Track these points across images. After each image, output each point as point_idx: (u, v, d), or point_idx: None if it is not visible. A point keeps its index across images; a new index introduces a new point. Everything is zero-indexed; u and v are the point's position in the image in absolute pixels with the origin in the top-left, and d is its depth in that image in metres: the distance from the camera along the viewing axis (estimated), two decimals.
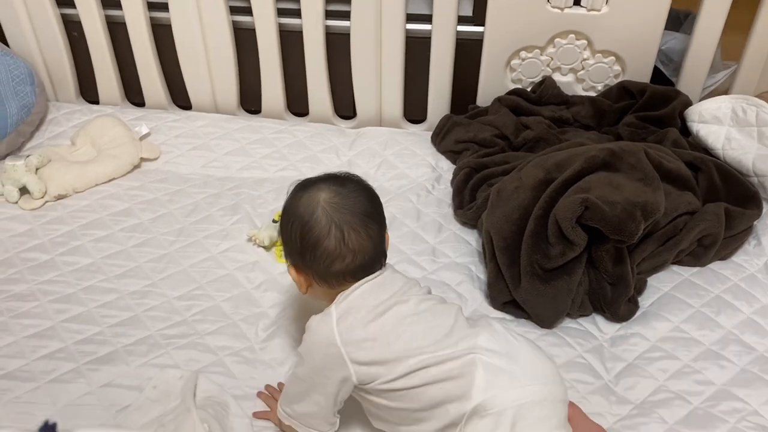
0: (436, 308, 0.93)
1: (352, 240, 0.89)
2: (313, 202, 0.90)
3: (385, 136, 1.63)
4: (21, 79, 1.60)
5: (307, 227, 0.89)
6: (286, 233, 0.93)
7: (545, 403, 0.86)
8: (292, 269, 0.95)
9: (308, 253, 0.90)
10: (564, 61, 1.54)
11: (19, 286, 1.25)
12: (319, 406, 0.91)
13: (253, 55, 1.64)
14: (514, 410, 0.84)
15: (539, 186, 1.20)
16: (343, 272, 0.90)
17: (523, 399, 0.85)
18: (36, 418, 1.02)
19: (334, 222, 0.89)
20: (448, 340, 0.88)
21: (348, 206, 0.90)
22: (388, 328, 0.88)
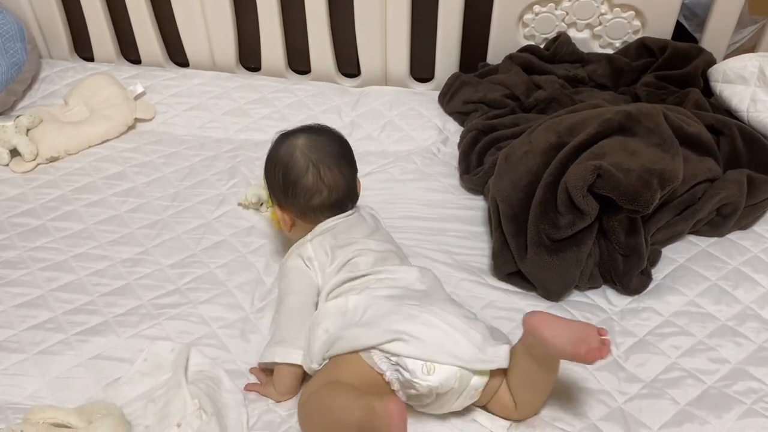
0: (392, 251, 1.05)
1: (327, 176, 1.03)
2: (292, 146, 1.04)
3: (390, 96, 1.56)
4: (11, 36, 1.54)
5: (288, 167, 1.03)
6: (270, 176, 1.07)
7: (406, 308, 0.91)
8: (277, 208, 1.08)
9: (290, 189, 1.03)
10: (580, 15, 1.45)
11: (8, 252, 1.22)
12: (295, 323, 0.98)
13: (251, 9, 1.56)
14: (379, 305, 0.93)
15: (550, 151, 1.14)
16: (321, 206, 1.04)
17: (388, 304, 0.93)
18: (24, 390, 1.00)
19: (311, 161, 1.03)
20: (376, 269, 1.00)
21: (322, 148, 1.04)
22: (342, 254, 1.01)
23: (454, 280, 1.14)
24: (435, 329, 0.89)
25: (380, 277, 0.99)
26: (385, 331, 0.88)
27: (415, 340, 0.87)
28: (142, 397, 0.97)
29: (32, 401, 0.98)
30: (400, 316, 0.90)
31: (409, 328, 0.88)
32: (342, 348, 0.90)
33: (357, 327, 0.91)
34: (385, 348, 0.87)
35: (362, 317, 0.92)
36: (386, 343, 0.87)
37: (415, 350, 0.87)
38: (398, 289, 0.97)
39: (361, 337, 0.89)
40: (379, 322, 0.90)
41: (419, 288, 0.98)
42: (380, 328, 0.89)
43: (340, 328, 0.93)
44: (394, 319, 0.90)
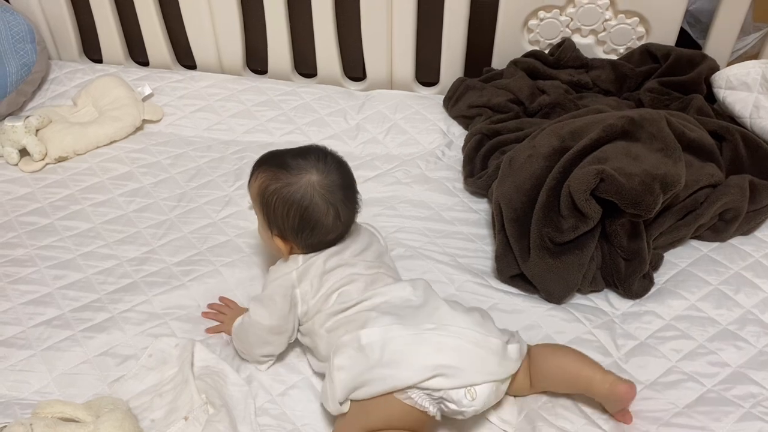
0: (378, 274, 1.01)
1: (344, 214, 1.00)
2: (307, 187, 0.98)
3: (396, 100, 1.58)
4: (21, 37, 1.56)
5: (308, 211, 0.98)
6: (280, 215, 0.99)
7: (433, 336, 0.89)
8: (278, 241, 1.01)
9: (306, 231, 0.99)
10: (584, 21, 1.46)
11: (17, 250, 1.23)
12: (272, 345, 1.01)
13: (259, 13, 1.58)
14: (396, 337, 0.89)
15: (553, 155, 1.15)
16: (333, 240, 1.02)
17: (403, 331, 0.90)
18: (31, 386, 1.01)
19: (330, 203, 0.98)
20: (367, 295, 0.97)
21: (338, 186, 0.99)
22: (331, 281, 0.99)
23: (457, 282, 1.15)
24: (463, 351, 0.88)
25: (375, 302, 0.96)
26: (423, 368, 0.86)
27: (454, 370, 0.87)
28: (149, 392, 0.99)
29: (39, 397, 0.99)
30: (429, 348, 0.88)
31: (444, 360, 0.87)
32: (374, 391, 0.87)
33: (384, 368, 0.88)
34: (426, 386, 0.86)
35: (383, 355, 0.88)
36: (427, 380, 0.86)
37: (457, 381, 0.87)
38: (400, 309, 0.94)
39: (396, 377, 0.87)
40: (408, 359, 0.87)
41: (416, 303, 0.96)
42: (415, 366, 0.87)
43: (364, 370, 0.89)
44: (424, 352, 0.88)
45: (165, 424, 0.93)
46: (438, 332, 0.90)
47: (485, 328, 0.93)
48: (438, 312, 0.93)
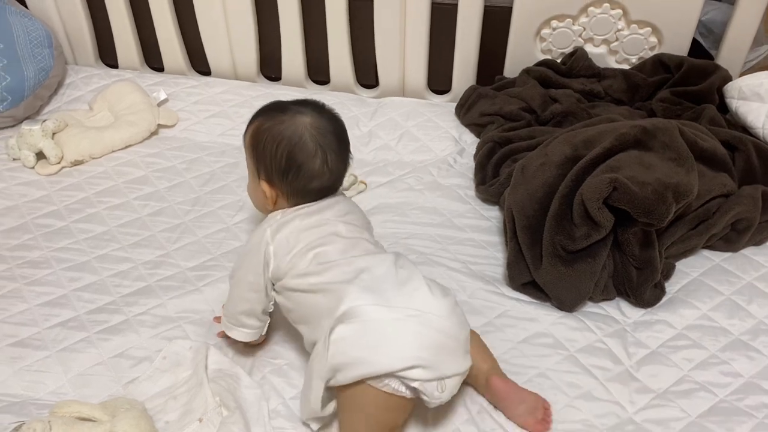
0: (359, 240, 0.99)
1: (333, 162, 0.99)
2: (299, 125, 0.98)
3: (408, 107, 1.59)
4: (39, 42, 1.58)
5: (296, 148, 0.97)
6: (269, 152, 0.98)
7: (411, 323, 0.87)
8: (265, 185, 1.01)
9: (292, 171, 0.98)
10: (597, 31, 1.47)
11: (33, 252, 1.24)
12: (252, 303, 1.00)
13: (273, 20, 1.60)
14: (372, 320, 0.87)
15: (566, 163, 1.15)
16: (317, 190, 1.00)
17: (384, 315, 0.87)
18: (46, 386, 1.02)
19: (320, 145, 0.98)
20: (345, 260, 0.94)
21: (330, 132, 0.99)
22: (311, 239, 0.96)
23: (469, 289, 1.15)
24: (440, 344, 0.88)
25: (356, 269, 0.92)
26: (404, 357, 0.85)
27: (430, 362, 0.86)
28: (163, 394, 0.99)
29: (54, 397, 1.00)
30: (410, 336, 0.87)
31: (423, 352, 0.86)
32: (351, 376, 0.86)
33: (363, 350, 0.86)
34: (404, 375, 0.86)
35: (364, 337, 0.87)
36: (407, 370, 0.85)
37: (432, 374, 0.86)
38: (381, 283, 0.91)
39: (376, 363, 0.86)
40: (389, 346, 0.86)
41: (398, 280, 0.92)
42: (396, 354, 0.86)
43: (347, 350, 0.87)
44: (405, 341, 0.86)
45: (179, 426, 0.94)
46: (418, 320, 0.88)
47: (457, 317, 0.92)
48: (419, 295, 0.90)
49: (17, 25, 1.56)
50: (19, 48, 1.54)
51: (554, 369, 1.04)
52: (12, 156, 1.45)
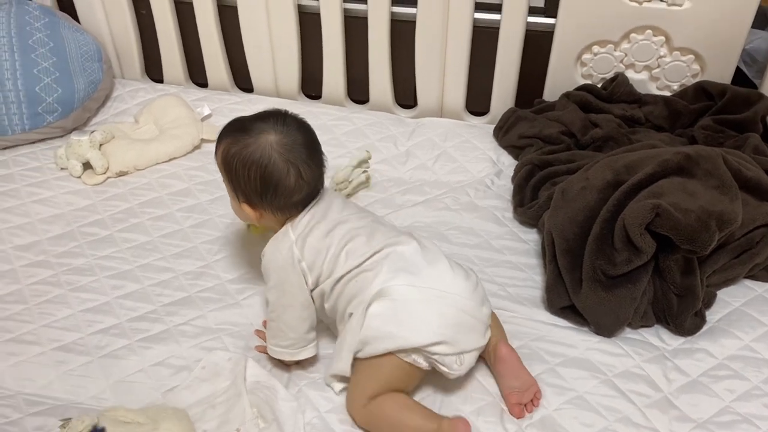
0: (373, 224, 1.05)
1: (307, 173, 1.01)
2: (266, 147, 0.99)
3: (446, 128, 1.60)
4: (89, 56, 1.63)
5: (267, 171, 0.99)
6: (242, 177, 1.01)
7: (437, 302, 0.97)
8: (246, 207, 1.04)
9: (269, 192, 1.01)
10: (639, 57, 1.47)
11: (78, 260, 1.27)
12: (309, 320, 1.04)
13: (316, 41, 1.63)
14: (405, 300, 0.96)
15: (607, 188, 1.15)
16: (301, 201, 1.03)
17: (414, 294, 0.96)
18: (88, 391, 1.04)
19: (290, 162, 0.99)
20: (376, 248, 1.01)
21: (297, 144, 1.00)
22: (336, 240, 1.01)
23: (506, 311, 1.15)
24: (461, 322, 0.97)
25: (386, 253, 1.00)
26: (430, 333, 0.94)
27: (452, 338, 0.95)
28: (201, 403, 1.01)
29: (96, 402, 1.02)
30: (435, 314, 0.96)
31: (446, 329, 0.95)
32: (383, 348, 0.95)
33: (393, 326, 0.95)
34: (430, 350, 0.95)
35: (395, 314, 0.96)
36: (432, 345, 0.94)
37: (453, 349, 0.96)
38: (410, 265, 0.99)
39: (405, 338, 0.94)
40: (416, 322, 0.95)
41: (424, 261, 1.00)
42: (422, 330, 0.94)
43: (380, 325, 0.96)
44: (431, 319, 0.95)
45: None
46: (444, 300, 0.97)
47: (479, 295, 1.01)
48: (443, 276, 1.00)
49: (70, 39, 1.62)
50: (70, 61, 1.59)
51: (592, 393, 1.03)
52: (60, 165, 1.49)
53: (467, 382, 1.04)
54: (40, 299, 1.20)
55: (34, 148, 1.55)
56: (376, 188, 1.45)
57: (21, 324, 1.15)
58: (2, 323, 1.15)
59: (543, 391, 1.03)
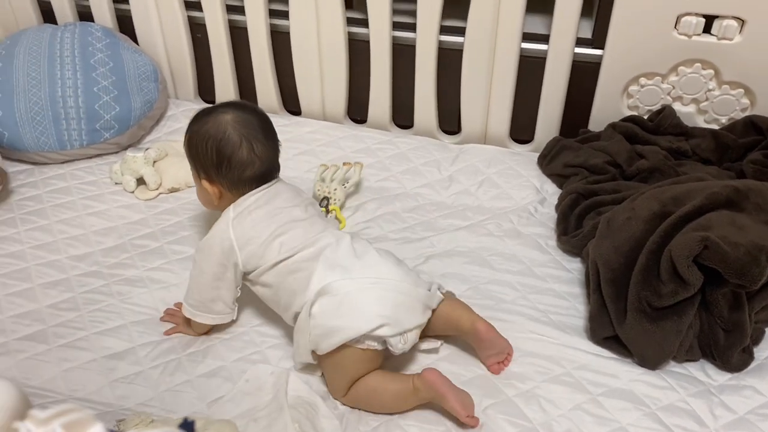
0: (314, 219, 1.14)
1: (259, 149, 1.11)
2: (221, 122, 1.11)
3: (489, 154, 1.61)
4: (146, 76, 1.70)
5: (222, 143, 1.10)
6: (201, 152, 1.12)
7: (373, 290, 1.05)
8: (206, 183, 1.13)
9: (224, 164, 1.10)
10: (687, 90, 1.47)
11: (129, 271, 1.32)
12: (220, 291, 1.11)
13: (364, 67, 1.67)
14: (345, 293, 1.04)
15: (654, 219, 1.15)
16: (252, 178, 1.12)
17: (351, 286, 1.04)
18: (136, 398, 1.07)
19: (243, 135, 1.10)
20: (307, 242, 1.09)
21: (251, 123, 1.12)
22: (271, 228, 1.09)
23: (548, 337, 1.15)
24: (399, 303, 1.05)
25: (318, 249, 1.08)
26: (372, 318, 1.02)
27: (393, 319, 1.03)
28: (244, 416, 1.03)
29: (143, 409, 1.05)
30: (374, 300, 1.04)
31: (386, 311, 1.03)
32: (336, 342, 1.02)
33: (339, 319, 1.03)
34: (374, 334, 1.02)
35: (339, 308, 1.03)
36: (376, 329, 1.02)
37: (396, 329, 1.03)
38: (342, 260, 1.07)
39: (351, 328, 1.02)
40: (358, 311, 1.03)
41: (355, 255, 1.09)
42: (365, 317, 1.02)
43: (326, 321, 1.03)
44: (370, 306, 1.03)
45: None
46: (379, 286, 1.05)
47: (411, 278, 1.09)
48: (376, 265, 1.08)
49: (129, 60, 1.69)
50: (128, 81, 1.66)
51: (635, 425, 1.02)
52: (114, 180, 1.55)
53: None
54: (92, 307, 1.24)
55: (90, 163, 1.61)
56: (418, 211, 1.47)
57: (74, 331, 1.19)
58: (56, 329, 1.19)
59: (584, 421, 1.02)
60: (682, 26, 1.38)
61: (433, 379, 1.00)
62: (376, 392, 1.04)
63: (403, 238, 1.39)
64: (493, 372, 1.10)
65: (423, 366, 1.07)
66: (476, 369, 1.10)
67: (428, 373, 1.01)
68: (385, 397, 1.04)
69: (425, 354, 1.13)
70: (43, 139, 1.57)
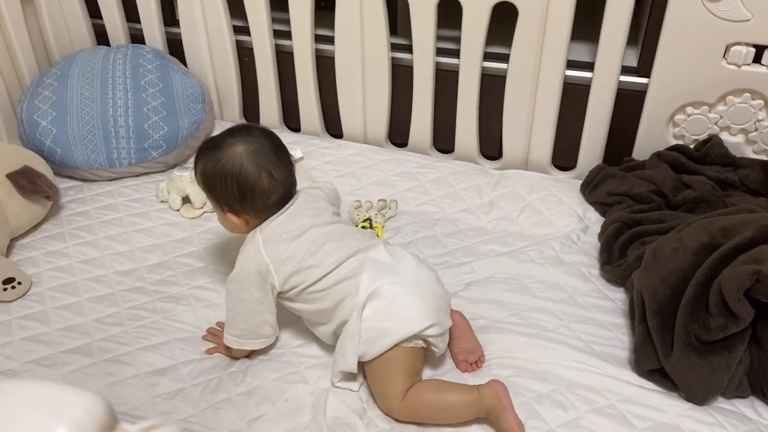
0: (342, 228, 1.17)
1: (278, 174, 1.13)
2: (235, 156, 1.11)
3: (531, 180, 1.61)
4: (194, 97, 1.74)
5: (241, 178, 1.11)
6: (220, 188, 1.13)
7: (419, 292, 1.10)
8: (232, 216, 1.15)
9: (248, 197, 1.12)
10: (735, 120, 1.45)
11: (173, 288, 1.34)
12: (264, 315, 1.13)
13: (407, 91, 1.68)
14: (394, 296, 1.08)
15: (702, 250, 1.13)
16: (278, 201, 1.14)
17: (400, 290, 1.09)
18: (177, 415, 1.08)
19: (260, 166, 1.11)
20: (347, 252, 1.12)
21: (264, 149, 1.13)
22: (305, 246, 1.12)
23: (591, 366, 1.13)
24: (438, 305, 1.11)
25: (360, 259, 1.11)
26: (422, 319, 1.07)
27: (438, 319, 1.09)
28: None
29: (183, 425, 1.06)
30: (421, 302, 1.09)
31: (431, 312, 1.08)
32: (388, 344, 1.06)
33: (392, 322, 1.07)
34: (424, 333, 1.07)
35: (390, 311, 1.07)
36: (426, 329, 1.07)
37: (441, 329, 1.09)
38: (386, 266, 1.12)
39: (405, 329, 1.06)
40: (409, 313, 1.07)
41: (394, 261, 1.14)
42: (416, 318, 1.07)
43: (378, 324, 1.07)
44: (419, 307, 1.08)
45: None
46: (422, 289, 1.11)
47: (441, 283, 1.17)
48: (415, 269, 1.14)
49: (178, 81, 1.73)
50: (177, 102, 1.70)
51: None
52: (160, 198, 1.58)
53: None
54: (136, 323, 1.26)
55: (137, 181, 1.65)
56: (458, 236, 1.46)
57: (118, 345, 1.22)
58: (102, 343, 1.22)
59: None
60: (732, 56, 1.37)
61: (501, 391, 1.02)
62: (437, 404, 1.04)
63: (443, 263, 1.39)
64: (460, 369, 1.14)
65: None
66: (518, 397, 1.09)
67: (496, 385, 1.03)
68: (448, 408, 1.04)
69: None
70: (93, 157, 1.62)
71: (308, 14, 1.63)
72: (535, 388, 1.11)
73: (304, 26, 1.65)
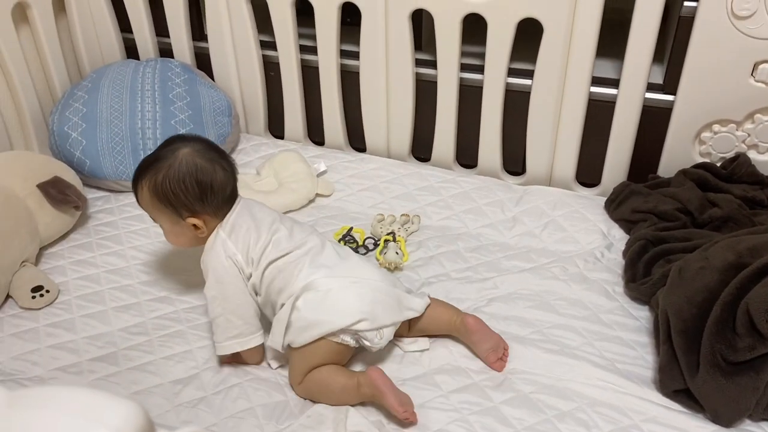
0: (293, 221, 1.23)
1: (228, 166, 1.17)
2: (185, 157, 1.14)
3: (555, 197, 1.60)
4: (221, 111, 1.77)
5: (198, 174, 1.13)
6: (181, 192, 1.13)
7: (354, 288, 1.13)
8: (191, 219, 1.15)
9: (208, 192, 1.14)
10: (763, 138, 1.43)
11: (198, 300, 1.35)
12: (252, 305, 1.16)
13: (430, 106, 1.69)
14: (328, 290, 1.12)
15: (729, 270, 1.11)
16: (231, 195, 1.18)
17: (334, 284, 1.13)
18: (201, 423, 1.09)
19: (211, 159, 1.15)
20: (295, 243, 1.16)
21: (207, 147, 1.17)
22: (263, 232, 1.16)
23: (614, 385, 1.12)
24: (377, 301, 1.13)
25: (305, 250, 1.16)
26: (351, 314, 1.10)
27: (371, 315, 1.11)
28: None
29: None
30: (354, 297, 1.12)
31: (365, 307, 1.11)
32: (315, 335, 1.09)
33: (322, 314, 1.10)
34: (353, 328, 1.10)
35: (321, 303, 1.11)
36: (354, 324, 1.10)
37: (373, 324, 1.11)
38: (327, 260, 1.16)
39: (332, 322, 1.09)
40: (339, 307, 1.11)
41: (339, 257, 1.18)
42: (345, 313, 1.10)
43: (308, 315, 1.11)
44: (351, 302, 1.11)
45: None
46: (359, 285, 1.14)
47: (390, 280, 1.19)
48: (357, 267, 1.17)
49: (205, 95, 1.76)
50: (204, 115, 1.73)
51: None
52: None
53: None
54: (161, 333, 1.27)
55: None
56: (480, 251, 1.46)
57: (143, 354, 1.23)
58: (127, 352, 1.23)
59: None
60: (760, 74, 1.36)
61: (376, 377, 1.06)
62: (325, 383, 1.10)
63: (465, 278, 1.38)
64: (495, 369, 1.15)
65: None
66: (540, 414, 1.08)
67: (372, 371, 1.07)
68: (333, 389, 1.09)
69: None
70: (121, 168, 1.65)
71: (334, 30, 1.66)
72: (557, 406, 1.10)
73: (329, 41, 1.67)
